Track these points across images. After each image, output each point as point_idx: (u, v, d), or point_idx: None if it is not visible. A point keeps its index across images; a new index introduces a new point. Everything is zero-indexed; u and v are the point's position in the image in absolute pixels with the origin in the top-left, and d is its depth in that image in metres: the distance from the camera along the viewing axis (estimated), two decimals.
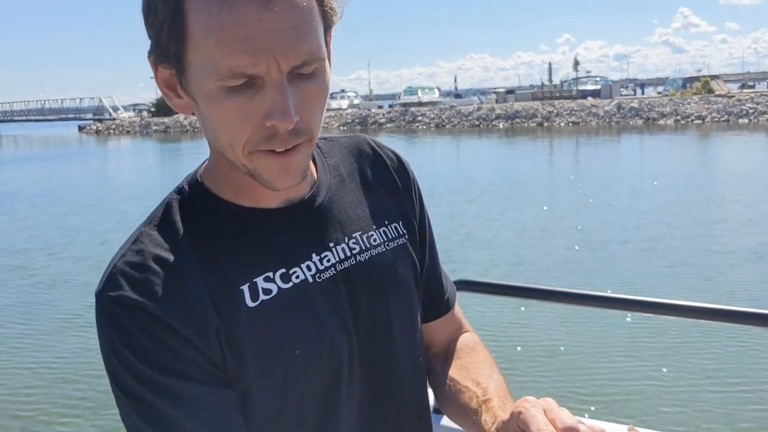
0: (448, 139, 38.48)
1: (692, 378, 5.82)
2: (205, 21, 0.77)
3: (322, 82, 0.84)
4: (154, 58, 0.85)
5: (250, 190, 0.92)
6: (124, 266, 0.84)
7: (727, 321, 2.07)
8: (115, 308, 0.82)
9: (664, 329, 6.70)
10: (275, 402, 0.89)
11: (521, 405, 0.82)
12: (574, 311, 6.99)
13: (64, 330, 7.84)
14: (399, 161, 1.11)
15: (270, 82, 0.79)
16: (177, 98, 0.88)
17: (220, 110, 0.81)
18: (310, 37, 0.80)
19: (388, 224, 1.04)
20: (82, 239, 13.11)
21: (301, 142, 0.84)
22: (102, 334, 0.84)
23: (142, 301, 0.82)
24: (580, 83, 56.39)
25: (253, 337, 0.86)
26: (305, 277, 0.92)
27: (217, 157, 0.92)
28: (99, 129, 62.28)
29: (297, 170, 0.86)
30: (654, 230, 11.65)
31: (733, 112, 39.73)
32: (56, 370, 6.65)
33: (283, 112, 0.79)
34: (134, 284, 0.83)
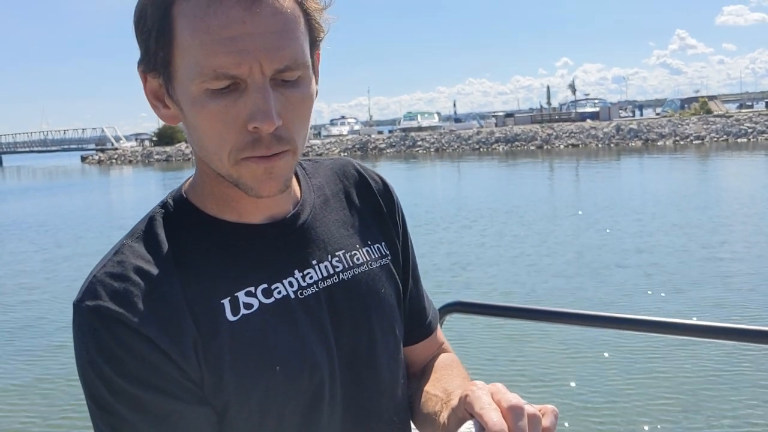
0: (449, 163, 38.59)
1: (686, 395, 5.79)
2: (191, 24, 0.79)
3: (306, 91, 0.85)
4: (143, 68, 0.87)
5: (234, 205, 0.92)
6: (104, 277, 0.83)
7: (723, 338, 2.09)
8: (93, 318, 0.81)
9: (663, 348, 6.68)
10: (254, 420, 0.87)
11: (468, 388, 0.82)
12: (569, 331, 6.99)
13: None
14: (384, 184, 1.12)
15: (253, 85, 0.80)
16: (164, 108, 0.89)
17: (204, 114, 0.82)
18: (293, 42, 0.82)
19: (371, 244, 1.04)
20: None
21: (285, 150, 0.85)
22: (78, 344, 0.83)
23: (120, 311, 0.80)
24: (579, 106, 56.65)
25: (233, 351, 0.85)
26: (287, 293, 0.91)
27: (203, 171, 0.92)
28: (101, 159, 62.42)
29: (280, 176, 0.86)
30: (653, 252, 11.63)
31: (732, 132, 39.86)
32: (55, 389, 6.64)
33: (265, 114, 0.80)
34: (113, 295, 0.82)
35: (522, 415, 0.78)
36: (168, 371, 0.82)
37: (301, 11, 0.84)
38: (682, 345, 6.58)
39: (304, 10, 0.85)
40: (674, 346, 6.63)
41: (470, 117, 72.86)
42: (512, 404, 0.78)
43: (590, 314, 2.54)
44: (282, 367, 0.87)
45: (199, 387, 0.84)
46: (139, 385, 0.80)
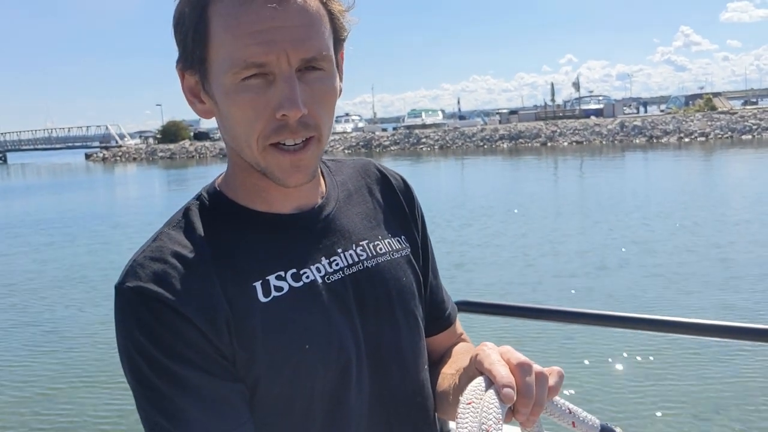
0: (453, 160, 38.57)
1: (688, 392, 5.80)
2: (224, 22, 0.87)
3: (330, 84, 0.92)
4: (182, 66, 0.95)
5: (265, 195, 0.98)
6: (144, 260, 0.90)
7: (723, 337, 2.10)
8: (134, 298, 0.87)
9: (666, 346, 6.68)
10: (285, 396, 0.92)
11: (479, 348, 0.88)
12: (574, 330, 6.99)
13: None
14: (404, 183, 1.19)
15: (280, 75, 0.87)
16: (200, 104, 0.97)
17: (237, 104, 0.89)
18: (318, 36, 0.89)
19: (392, 236, 1.10)
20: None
21: (310, 136, 0.91)
22: (119, 324, 0.88)
23: (159, 291, 0.86)
24: (583, 102, 56.51)
25: (265, 330, 0.90)
26: (315, 278, 0.96)
27: (236, 164, 0.99)
28: (105, 156, 62.63)
29: (307, 167, 0.93)
30: (659, 250, 11.63)
31: (737, 129, 39.73)
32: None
33: (292, 101, 0.87)
34: (152, 276, 0.87)
35: (530, 372, 0.84)
36: (204, 348, 0.87)
37: (326, 11, 0.92)
38: (691, 345, 6.57)
39: (329, 10, 0.93)
40: (684, 346, 6.63)
41: (474, 114, 72.73)
42: (521, 361, 0.84)
43: (597, 313, 2.54)
44: (311, 346, 0.92)
45: (231, 363, 0.89)
46: (178, 360, 0.85)
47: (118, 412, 6.13)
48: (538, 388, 0.84)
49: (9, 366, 7.74)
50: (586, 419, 0.92)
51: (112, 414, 6.15)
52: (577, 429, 0.92)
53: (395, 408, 1.03)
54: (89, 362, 7.59)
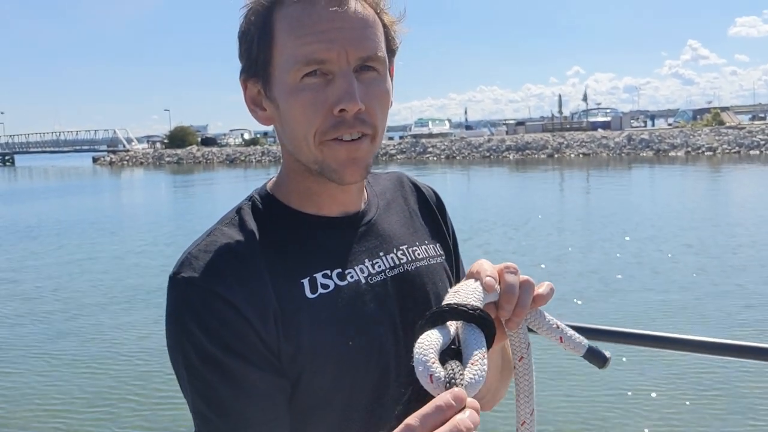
0: (459, 170, 38.59)
1: (700, 414, 5.76)
2: (288, 25, 0.94)
3: (384, 85, 0.99)
4: (245, 76, 1.02)
5: (315, 198, 1.03)
6: (198, 252, 0.94)
7: (729, 356, 2.09)
8: (187, 288, 0.91)
9: (668, 364, 6.66)
10: (326, 391, 0.94)
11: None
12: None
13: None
14: (435, 194, 1.25)
15: (339, 72, 0.93)
16: (261, 111, 1.03)
17: (298, 101, 0.94)
18: (374, 38, 0.96)
19: (428, 244, 1.14)
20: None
21: (366, 133, 0.96)
22: (171, 312, 0.92)
23: (211, 281, 0.90)
24: (591, 115, 56.54)
25: (311, 325, 0.93)
26: (359, 278, 1.00)
27: (289, 168, 1.04)
28: (113, 160, 62.86)
29: (362, 161, 0.97)
30: (663, 267, 11.60)
31: (744, 144, 39.68)
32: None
33: (350, 96, 0.92)
34: (205, 267, 0.91)
35: (514, 272, 0.91)
36: (251, 339, 0.90)
37: (380, 21, 0.99)
38: (694, 363, 6.54)
39: (382, 21, 1.00)
40: (685, 364, 6.60)
41: (481, 124, 72.79)
42: (507, 264, 0.91)
43: (599, 329, 2.53)
44: (354, 343, 0.95)
45: (276, 356, 0.92)
46: (225, 351, 0.88)
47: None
48: (522, 291, 0.90)
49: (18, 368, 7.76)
50: (573, 337, 0.93)
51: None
52: (564, 345, 0.93)
53: None
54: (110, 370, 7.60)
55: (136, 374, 7.31)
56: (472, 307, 0.82)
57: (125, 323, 9.31)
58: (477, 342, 0.78)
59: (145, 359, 7.72)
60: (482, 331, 0.80)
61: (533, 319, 0.94)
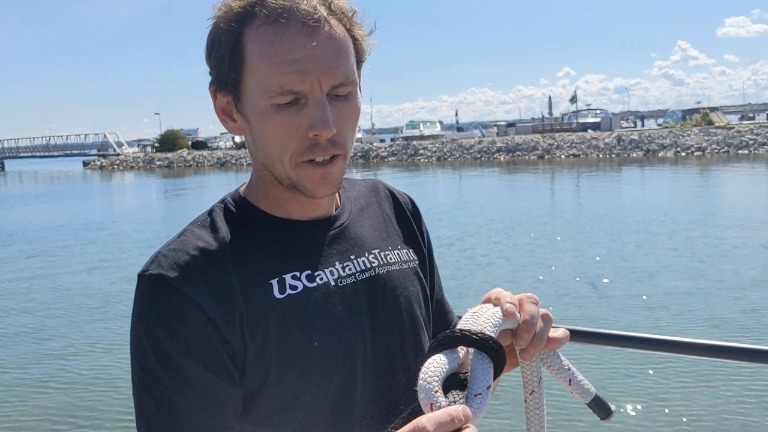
0: (450, 172, 38.63)
1: (682, 415, 5.80)
2: (260, 49, 0.94)
3: (354, 104, 1.00)
4: (215, 88, 1.02)
5: (286, 205, 1.05)
6: (167, 251, 0.95)
7: (720, 357, 2.11)
8: (153, 284, 0.92)
9: (658, 366, 6.69)
10: (292, 392, 0.95)
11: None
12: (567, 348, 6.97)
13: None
14: (410, 201, 1.27)
15: (313, 99, 0.94)
16: (232, 122, 1.04)
17: (271, 125, 0.96)
18: (346, 63, 0.97)
19: (401, 249, 1.16)
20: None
21: (338, 154, 0.99)
22: (136, 308, 0.93)
23: (178, 279, 0.91)
24: (581, 116, 56.73)
25: (279, 325, 0.94)
26: (328, 280, 1.01)
27: (261, 175, 1.06)
28: (103, 165, 62.59)
29: (334, 180, 1.01)
30: (652, 268, 11.65)
31: (733, 144, 39.89)
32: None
33: (324, 122, 0.94)
34: (173, 266, 0.93)
35: (535, 302, 0.93)
36: (212, 342, 0.90)
37: (350, 37, 1.00)
38: (681, 364, 6.57)
39: (352, 36, 1.01)
40: (671, 365, 6.63)
41: (472, 126, 72.90)
42: (528, 294, 0.94)
43: (590, 331, 2.54)
44: (320, 344, 0.96)
45: (240, 359, 0.93)
46: (184, 351, 0.89)
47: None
48: (541, 322, 0.93)
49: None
50: (582, 382, 0.93)
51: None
52: (572, 388, 0.94)
53: (399, 413, 1.05)
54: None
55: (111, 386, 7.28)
56: (485, 337, 0.81)
57: (100, 335, 9.27)
58: (485, 373, 0.78)
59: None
60: (492, 360, 0.80)
61: (546, 356, 0.95)
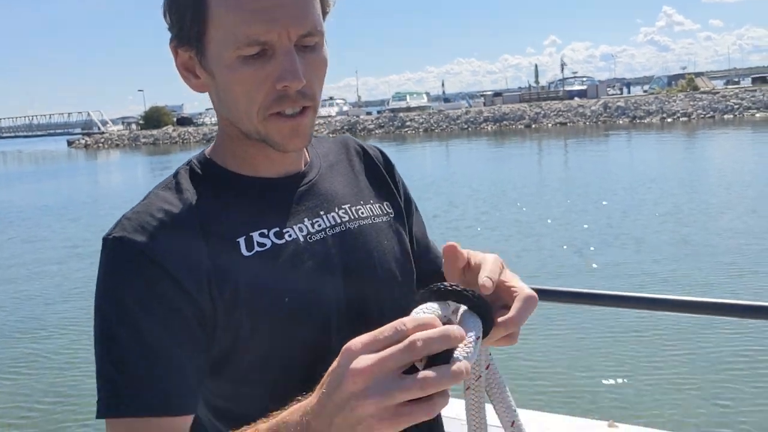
0: (437, 143, 38.55)
1: (669, 373, 5.91)
2: (224, 1, 0.91)
3: (322, 55, 0.98)
4: (176, 44, 0.99)
5: (252, 162, 1.03)
6: (131, 215, 0.94)
7: (705, 313, 2.17)
8: (116, 247, 0.91)
9: (643, 322, 6.80)
10: (264, 348, 0.94)
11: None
12: (555, 309, 7.08)
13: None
14: (381, 153, 1.24)
15: (280, 49, 0.92)
16: (195, 78, 1.01)
17: (237, 77, 0.94)
18: (313, 12, 0.95)
19: (374, 203, 1.14)
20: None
21: (308, 105, 0.97)
22: (100, 272, 0.92)
23: (141, 242, 0.90)
24: (567, 84, 56.58)
25: (247, 283, 0.93)
26: (297, 237, 1.00)
27: (226, 133, 1.04)
28: (88, 143, 61.98)
29: (304, 133, 0.98)
30: (638, 232, 11.76)
31: (719, 109, 39.97)
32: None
33: (293, 73, 0.92)
34: (137, 228, 0.91)
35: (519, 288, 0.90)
36: (177, 303, 0.89)
37: None
38: (662, 321, 6.69)
39: None
40: (658, 323, 6.74)
41: (459, 97, 72.62)
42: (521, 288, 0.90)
43: (574, 291, 2.59)
44: (290, 299, 0.95)
45: (208, 319, 0.91)
46: (147, 314, 0.88)
47: None
48: (521, 302, 0.88)
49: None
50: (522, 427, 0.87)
51: None
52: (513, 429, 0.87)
53: None
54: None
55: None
56: (478, 295, 0.80)
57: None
58: (475, 327, 0.76)
59: None
60: (482, 321, 0.78)
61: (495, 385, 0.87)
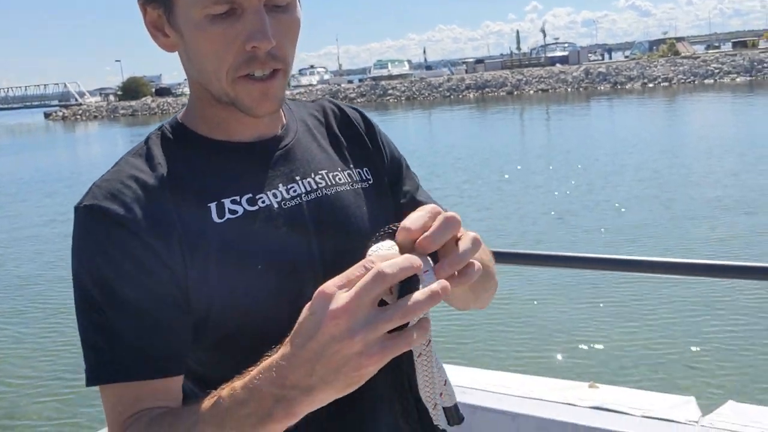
0: (419, 111, 38.40)
1: (651, 333, 6.01)
2: None
3: (294, 16, 0.95)
4: (144, 0, 0.96)
5: (225, 126, 1.00)
6: (101, 183, 0.93)
7: (688, 274, 2.21)
8: (87, 216, 0.90)
9: (624, 286, 6.89)
10: (238, 317, 0.92)
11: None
12: (536, 272, 7.16)
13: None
14: (361, 115, 1.18)
15: (249, 8, 0.89)
16: (164, 37, 0.97)
17: (205, 37, 0.91)
18: None
19: (353, 168, 1.10)
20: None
21: (278, 68, 0.94)
22: (74, 243, 0.91)
23: (113, 209, 0.89)
24: (549, 50, 56.41)
25: (219, 250, 0.91)
26: (271, 203, 0.97)
27: (198, 96, 1.01)
28: (65, 115, 61.06)
29: (275, 97, 0.95)
30: (623, 198, 11.86)
31: (699, 74, 40.11)
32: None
33: (263, 34, 0.89)
34: (107, 196, 0.90)
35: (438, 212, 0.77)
36: (152, 267, 0.88)
37: None
38: (657, 283, 6.79)
39: None
40: (634, 282, 6.84)
41: (441, 64, 72.26)
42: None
43: (558, 255, 2.63)
44: (264, 266, 0.93)
45: (182, 284, 0.90)
46: (124, 278, 0.87)
47: None
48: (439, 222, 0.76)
49: None
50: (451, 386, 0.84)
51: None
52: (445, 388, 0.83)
53: None
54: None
55: None
56: None
57: None
58: (425, 261, 0.76)
59: None
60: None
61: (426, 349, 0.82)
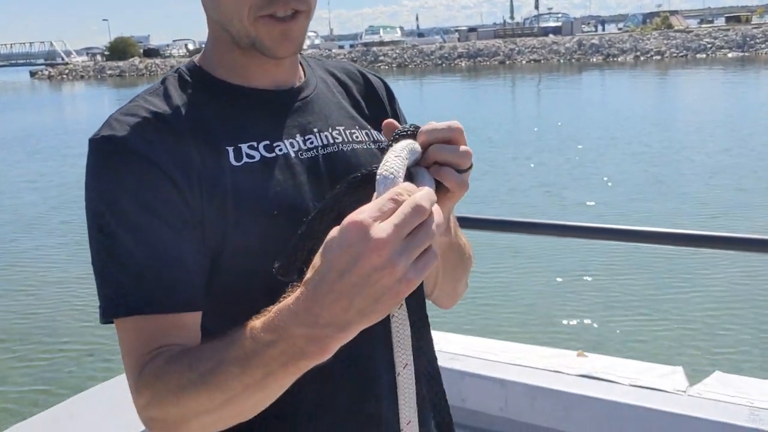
0: (411, 79, 38.13)
1: (639, 304, 6.09)
2: None
3: None
4: None
5: (243, 71, 0.99)
6: (119, 115, 0.91)
7: (678, 244, 2.26)
8: (105, 146, 0.88)
9: (613, 256, 6.95)
10: (250, 262, 0.91)
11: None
12: (525, 241, 7.20)
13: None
14: (383, 83, 1.20)
15: None
16: None
17: None
18: None
19: (371, 130, 1.09)
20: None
21: (300, 10, 0.93)
22: (89, 173, 0.89)
23: (131, 139, 0.87)
24: (542, 20, 56.03)
25: (235, 192, 0.90)
26: (288, 152, 0.97)
27: (216, 39, 1.00)
28: (52, 74, 60.29)
29: (295, 38, 0.94)
30: (614, 171, 11.91)
31: (692, 48, 40.05)
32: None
33: None
34: (126, 127, 0.89)
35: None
36: (173, 200, 0.87)
37: None
38: (620, 251, 6.86)
39: None
40: (616, 252, 6.92)
41: (433, 32, 71.66)
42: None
43: (545, 223, 2.66)
44: (279, 212, 0.92)
45: (200, 220, 0.89)
46: (144, 209, 0.86)
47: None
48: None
49: None
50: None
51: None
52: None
53: None
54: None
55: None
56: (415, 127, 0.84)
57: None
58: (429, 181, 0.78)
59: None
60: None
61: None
